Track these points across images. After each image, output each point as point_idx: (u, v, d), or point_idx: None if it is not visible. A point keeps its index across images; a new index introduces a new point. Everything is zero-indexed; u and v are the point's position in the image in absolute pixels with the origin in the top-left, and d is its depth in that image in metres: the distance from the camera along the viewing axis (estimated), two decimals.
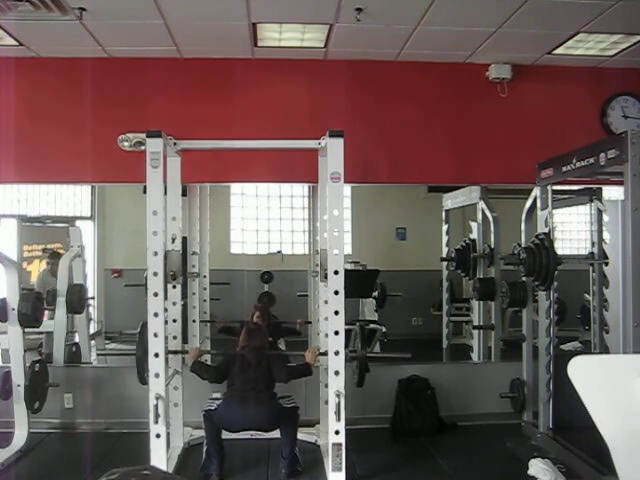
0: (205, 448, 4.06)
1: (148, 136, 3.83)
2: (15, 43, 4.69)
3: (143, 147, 3.99)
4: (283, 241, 8.00)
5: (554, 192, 4.71)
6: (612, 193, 5.39)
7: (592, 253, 5.58)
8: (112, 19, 4.28)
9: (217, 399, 4.16)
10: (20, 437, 4.37)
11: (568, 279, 5.02)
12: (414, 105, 5.24)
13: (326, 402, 4.05)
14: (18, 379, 4.31)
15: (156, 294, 3.74)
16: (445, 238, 6.66)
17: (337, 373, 3.77)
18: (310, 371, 4.14)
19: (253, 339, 4.21)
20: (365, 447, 4.48)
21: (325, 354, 3.96)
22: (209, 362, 4.73)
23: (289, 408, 4.13)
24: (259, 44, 4.83)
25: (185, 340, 4.80)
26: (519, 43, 4.79)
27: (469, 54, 5.06)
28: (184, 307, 4.87)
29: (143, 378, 3.95)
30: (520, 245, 4.83)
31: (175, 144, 4.15)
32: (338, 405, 3.73)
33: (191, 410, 4.46)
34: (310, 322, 5.27)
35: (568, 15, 4.24)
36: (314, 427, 4.69)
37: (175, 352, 4.23)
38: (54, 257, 5.84)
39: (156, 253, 3.77)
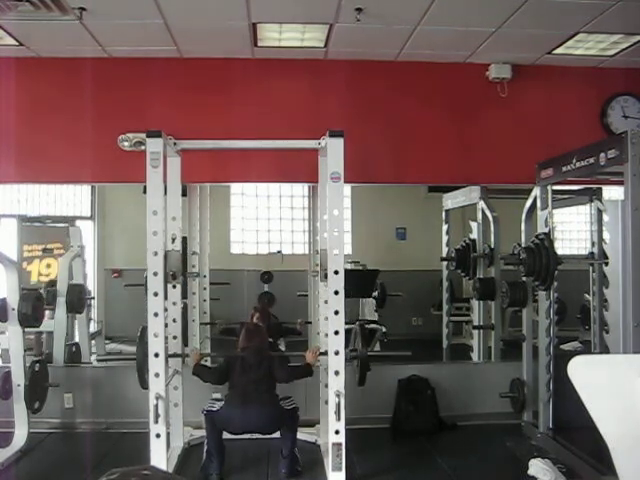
0: (205, 448, 4.06)
1: (148, 136, 3.83)
2: (15, 43, 4.69)
3: (143, 147, 3.99)
4: (283, 241, 8.00)
5: (554, 192, 4.71)
6: (612, 193, 5.39)
7: (592, 253, 5.58)
8: (112, 19, 4.28)
9: (218, 400, 4.15)
10: (20, 437, 4.37)
11: (568, 279, 5.02)
12: (414, 105, 5.23)
13: (326, 402, 4.05)
14: (18, 379, 4.31)
15: (156, 294, 3.74)
16: (445, 238, 6.66)
17: (337, 373, 3.78)
18: (311, 372, 4.16)
19: (252, 339, 4.22)
20: (365, 447, 4.48)
21: (325, 354, 3.96)
22: (210, 365, 4.72)
23: (289, 409, 4.13)
24: (259, 44, 4.82)
25: (185, 342, 4.79)
26: (519, 43, 4.79)
27: (469, 54, 5.06)
28: (184, 307, 4.86)
29: (144, 382, 3.90)
30: (520, 245, 4.83)
31: (175, 144, 4.15)
32: (338, 405, 3.73)
33: (191, 410, 4.46)
34: (310, 322, 5.27)
35: (568, 15, 4.24)
36: (314, 427, 4.69)
37: (176, 355, 4.22)
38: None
39: (156, 253, 3.77)
